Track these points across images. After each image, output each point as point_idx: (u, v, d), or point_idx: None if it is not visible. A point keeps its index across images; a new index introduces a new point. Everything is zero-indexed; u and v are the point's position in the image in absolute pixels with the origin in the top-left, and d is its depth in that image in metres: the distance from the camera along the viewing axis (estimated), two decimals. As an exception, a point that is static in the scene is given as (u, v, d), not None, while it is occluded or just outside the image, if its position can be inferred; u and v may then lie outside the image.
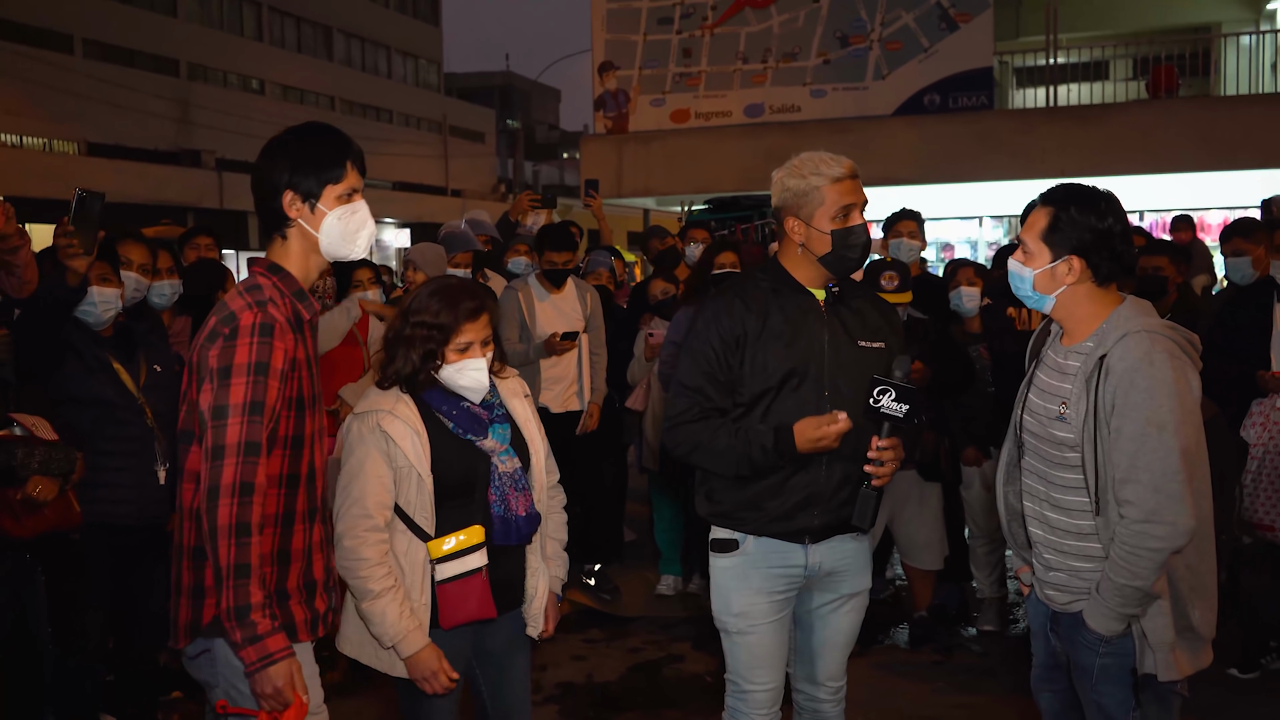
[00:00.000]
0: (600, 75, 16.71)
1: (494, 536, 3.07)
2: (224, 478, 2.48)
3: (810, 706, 3.40)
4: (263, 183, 2.68)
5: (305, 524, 2.73)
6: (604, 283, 7.12)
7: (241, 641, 2.48)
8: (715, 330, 3.16)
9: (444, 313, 3.01)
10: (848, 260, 3.16)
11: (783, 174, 3.19)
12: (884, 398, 2.98)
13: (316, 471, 2.76)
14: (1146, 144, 14.21)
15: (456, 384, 3.04)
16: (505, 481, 3.08)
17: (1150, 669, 2.81)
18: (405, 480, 2.98)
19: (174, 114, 34.79)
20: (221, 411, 2.51)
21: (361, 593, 2.93)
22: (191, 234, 6.51)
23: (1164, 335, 2.78)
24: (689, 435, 3.15)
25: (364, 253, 2.83)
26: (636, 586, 6.50)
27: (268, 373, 2.54)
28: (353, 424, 3.02)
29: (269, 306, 2.60)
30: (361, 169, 2.76)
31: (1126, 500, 2.72)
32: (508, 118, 57.62)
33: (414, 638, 2.95)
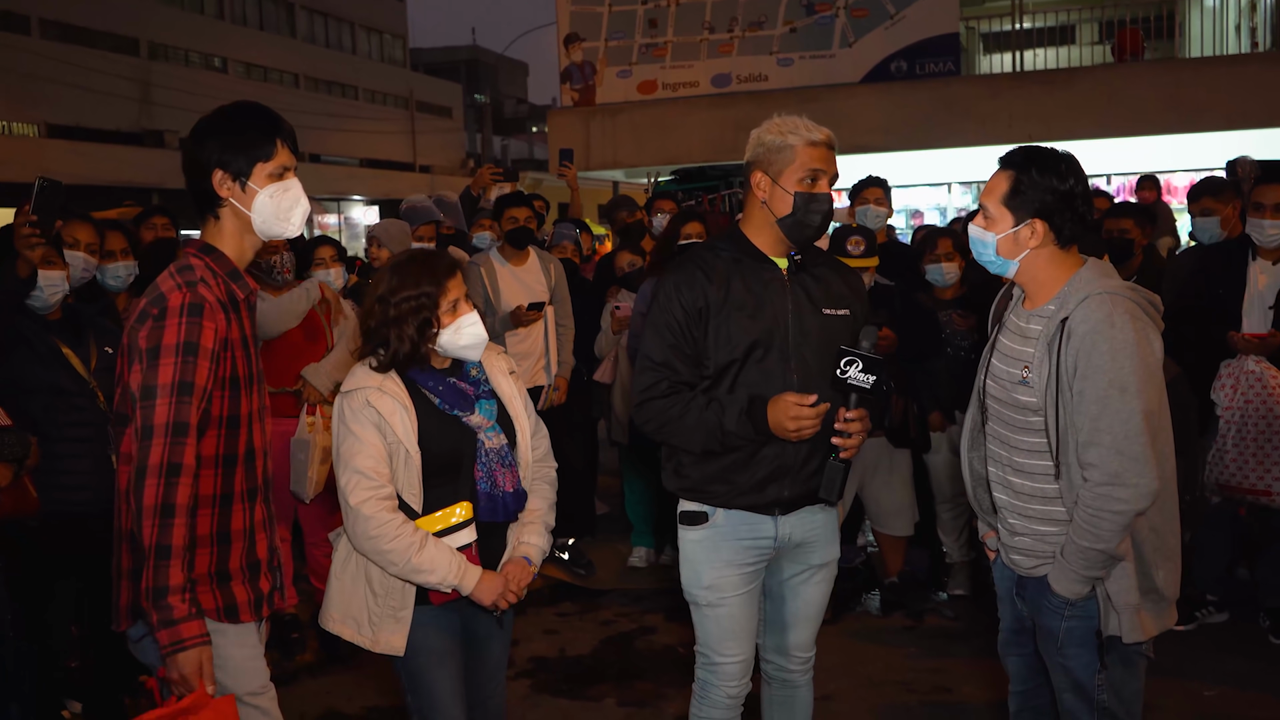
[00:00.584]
0: (566, 47, 16.59)
1: (480, 513, 3.06)
2: (151, 458, 2.49)
3: (780, 677, 3.40)
4: (193, 163, 2.68)
5: (245, 504, 2.72)
6: (569, 255, 7.07)
7: (157, 624, 2.49)
8: (677, 302, 3.12)
9: (424, 278, 3.00)
10: (805, 227, 3.12)
11: (760, 130, 3.17)
12: (851, 369, 2.96)
13: (256, 451, 2.75)
14: (1113, 107, 14.24)
15: (457, 346, 3.02)
16: (492, 458, 3.07)
17: (1115, 631, 2.82)
18: (394, 457, 2.97)
19: (135, 94, 34.33)
20: (150, 392, 2.51)
21: (404, 550, 2.89)
22: (147, 214, 6.42)
23: (1125, 297, 2.77)
24: (658, 411, 3.13)
25: (298, 231, 2.82)
26: (609, 559, 6.50)
27: (197, 353, 2.54)
28: (342, 403, 3.01)
29: (199, 287, 2.59)
30: (293, 146, 2.75)
31: (1090, 463, 2.72)
32: (475, 92, 57.19)
33: (471, 569, 2.97)
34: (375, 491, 2.92)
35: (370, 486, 2.92)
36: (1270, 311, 4.81)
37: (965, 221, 6.74)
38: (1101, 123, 14.14)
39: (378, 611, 3.03)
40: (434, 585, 2.96)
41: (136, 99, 34.37)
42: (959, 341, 5.45)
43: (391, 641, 3.02)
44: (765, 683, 3.44)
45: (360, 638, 3.04)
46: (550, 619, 5.58)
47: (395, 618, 3.02)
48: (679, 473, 3.23)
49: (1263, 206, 4.83)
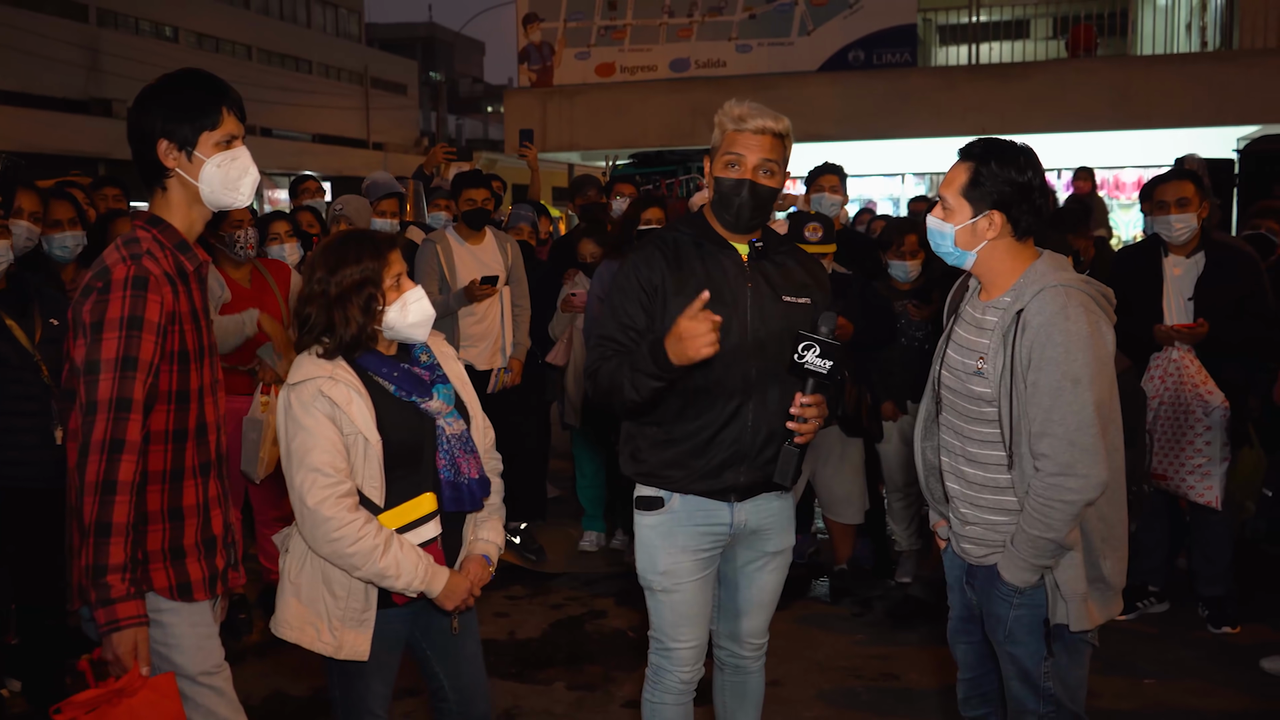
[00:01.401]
0: (524, 27, 16.48)
1: (445, 503, 2.93)
2: (94, 434, 2.45)
3: (732, 662, 3.41)
4: (137, 132, 2.62)
5: (197, 479, 2.68)
6: (525, 237, 7.03)
7: (95, 602, 2.45)
8: (634, 280, 3.10)
9: (365, 253, 2.84)
10: (725, 211, 3.10)
11: None
12: (808, 354, 2.94)
13: (208, 426, 2.70)
14: (1065, 102, 14.39)
15: (404, 323, 2.87)
16: (454, 444, 2.93)
17: (1063, 619, 2.86)
18: (352, 449, 2.79)
19: (83, 62, 33.66)
20: (94, 366, 2.47)
21: (369, 553, 2.74)
22: (98, 185, 6.32)
23: (1079, 289, 2.80)
24: (600, 378, 3.07)
25: (248, 200, 2.76)
26: (559, 543, 6.50)
27: (142, 326, 2.50)
28: (289, 395, 2.82)
29: (144, 259, 2.55)
30: (240, 114, 2.69)
31: (1042, 453, 2.75)
32: (430, 70, 56.71)
33: (438, 572, 2.86)
34: (334, 489, 2.74)
35: (328, 484, 2.74)
36: (1189, 303, 4.91)
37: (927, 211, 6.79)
38: (1054, 117, 14.29)
39: (339, 615, 2.86)
40: (399, 590, 2.82)
41: (84, 66, 33.70)
42: (913, 332, 5.49)
43: (356, 646, 2.86)
44: (718, 668, 3.45)
45: (322, 644, 2.86)
46: (500, 602, 5.57)
47: (359, 620, 2.86)
48: (636, 457, 3.22)
49: (1165, 204, 4.91)
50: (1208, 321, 4.80)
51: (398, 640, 3.01)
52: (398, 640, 3.01)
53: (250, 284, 5.13)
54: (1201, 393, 4.77)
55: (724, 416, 3.09)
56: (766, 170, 3.08)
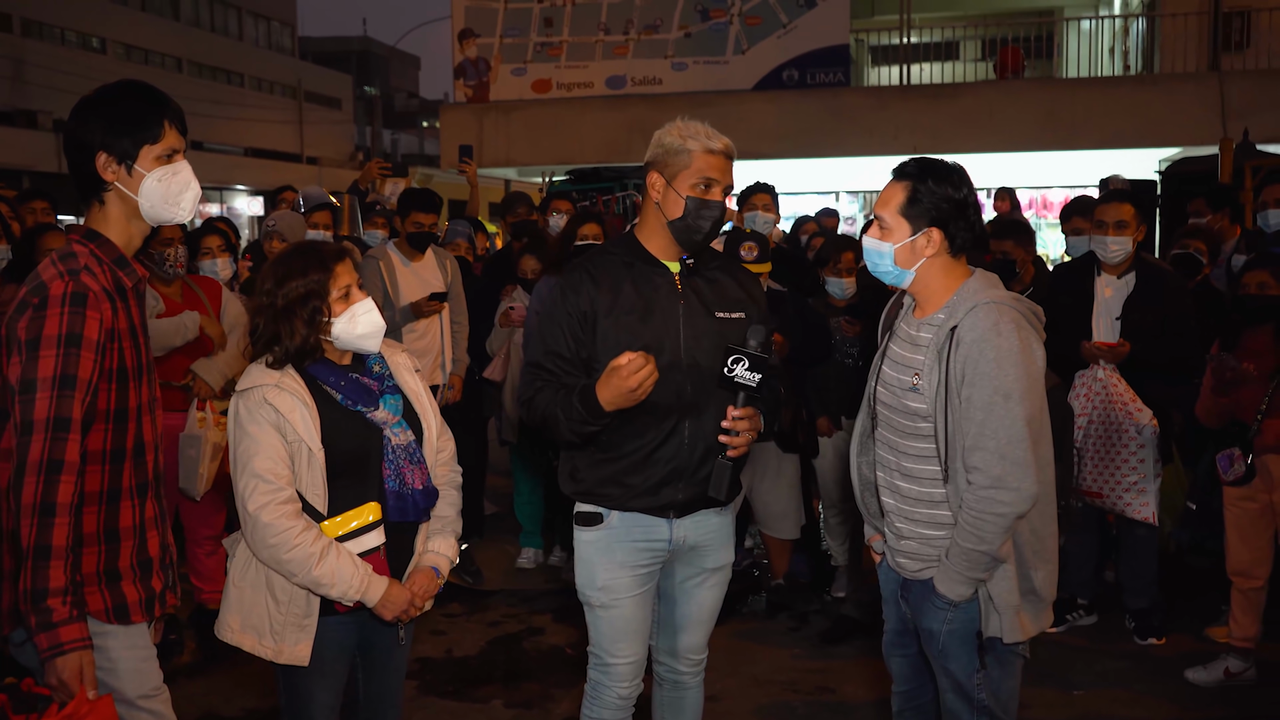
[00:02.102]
0: (460, 42, 16.47)
1: (389, 513, 2.92)
2: (30, 454, 2.37)
3: (671, 678, 3.42)
4: (75, 145, 2.55)
5: (134, 500, 2.62)
6: (462, 253, 7.01)
7: (35, 627, 2.38)
8: (563, 308, 3.12)
9: (311, 266, 2.85)
10: (694, 232, 3.11)
11: (662, 131, 3.17)
12: (738, 367, 2.96)
13: (146, 445, 2.64)
14: (994, 122, 14.69)
15: (353, 335, 2.88)
16: (400, 454, 2.93)
17: (995, 631, 2.91)
18: (296, 456, 2.81)
19: (7, 72, 32.95)
20: (29, 385, 2.39)
21: (304, 561, 2.75)
22: (25, 198, 6.20)
23: (1010, 306, 2.86)
24: (536, 408, 3.10)
25: (189, 216, 2.71)
26: (497, 560, 6.47)
27: (80, 344, 2.43)
28: (238, 403, 2.84)
29: (82, 275, 2.48)
30: (181, 127, 2.63)
31: (974, 467, 2.79)
32: (365, 84, 56.34)
33: (376, 581, 2.84)
34: (274, 495, 2.76)
35: (269, 490, 2.76)
36: (1117, 322, 5.03)
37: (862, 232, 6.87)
38: (984, 137, 14.58)
39: (280, 620, 2.86)
40: (335, 598, 2.82)
41: (8, 77, 32.97)
42: (847, 348, 5.56)
43: (296, 652, 2.86)
44: (656, 683, 3.46)
45: (262, 648, 2.87)
46: (437, 619, 5.53)
47: (299, 626, 2.86)
48: (574, 476, 3.23)
49: (1104, 224, 5.04)
50: (1131, 341, 4.92)
51: (343, 649, 2.99)
52: (343, 649, 2.99)
53: (182, 299, 5.04)
54: (1131, 410, 4.88)
55: (661, 435, 3.11)
56: (728, 192, 3.16)
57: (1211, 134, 13.14)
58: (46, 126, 31.90)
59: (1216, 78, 14.41)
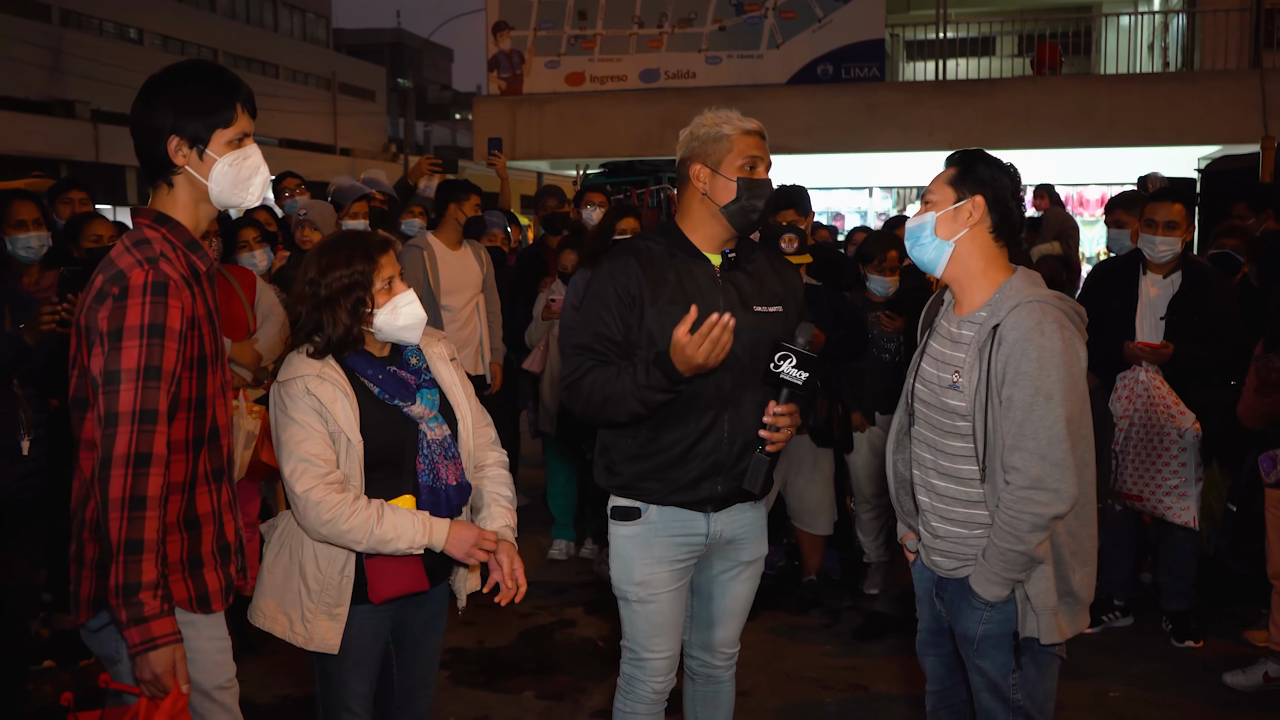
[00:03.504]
0: (494, 35, 16.48)
1: (422, 506, 2.93)
2: (117, 447, 2.31)
3: (704, 672, 3.42)
4: (144, 127, 2.47)
5: (210, 485, 2.57)
6: (498, 244, 7.03)
7: (126, 621, 2.33)
8: (611, 288, 3.10)
9: (355, 256, 2.85)
10: (750, 212, 3.11)
11: (692, 125, 3.17)
12: (784, 363, 2.95)
13: (220, 430, 2.60)
14: (1030, 119, 14.56)
15: (395, 327, 2.89)
16: (434, 449, 2.94)
17: (1032, 632, 2.89)
18: (336, 445, 2.83)
19: (46, 62, 33.27)
20: (113, 377, 2.32)
21: (365, 524, 2.76)
22: (63, 187, 6.25)
23: (1054, 305, 2.83)
24: (586, 387, 3.06)
25: (257, 200, 2.65)
26: (528, 551, 6.46)
27: (164, 334, 2.36)
28: (279, 392, 2.85)
29: (160, 263, 2.40)
30: (252, 111, 2.58)
31: (1013, 467, 2.77)
32: (399, 76, 56.53)
33: (438, 526, 2.84)
34: (322, 477, 2.78)
35: (317, 473, 2.78)
36: (1161, 322, 4.97)
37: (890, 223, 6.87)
38: (1019, 134, 14.46)
39: (312, 608, 2.88)
40: (404, 550, 2.82)
41: (46, 67, 33.31)
42: (885, 343, 5.53)
43: (326, 639, 2.88)
44: (689, 678, 3.46)
45: (293, 634, 2.88)
46: (469, 610, 5.50)
47: (330, 615, 2.88)
48: (611, 470, 3.22)
49: (1154, 223, 4.98)
50: (1174, 343, 4.87)
51: (376, 638, 3.00)
52: (376, 638, 3.00)
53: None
54: (1173, 413, 4.83)
55: (700, 429, 3.10)
56: (769, 170, 3.17)
57: (1252, 132, 12.98)
58: (84, 116, 32.24)
59: (1258, 75, 14.23)
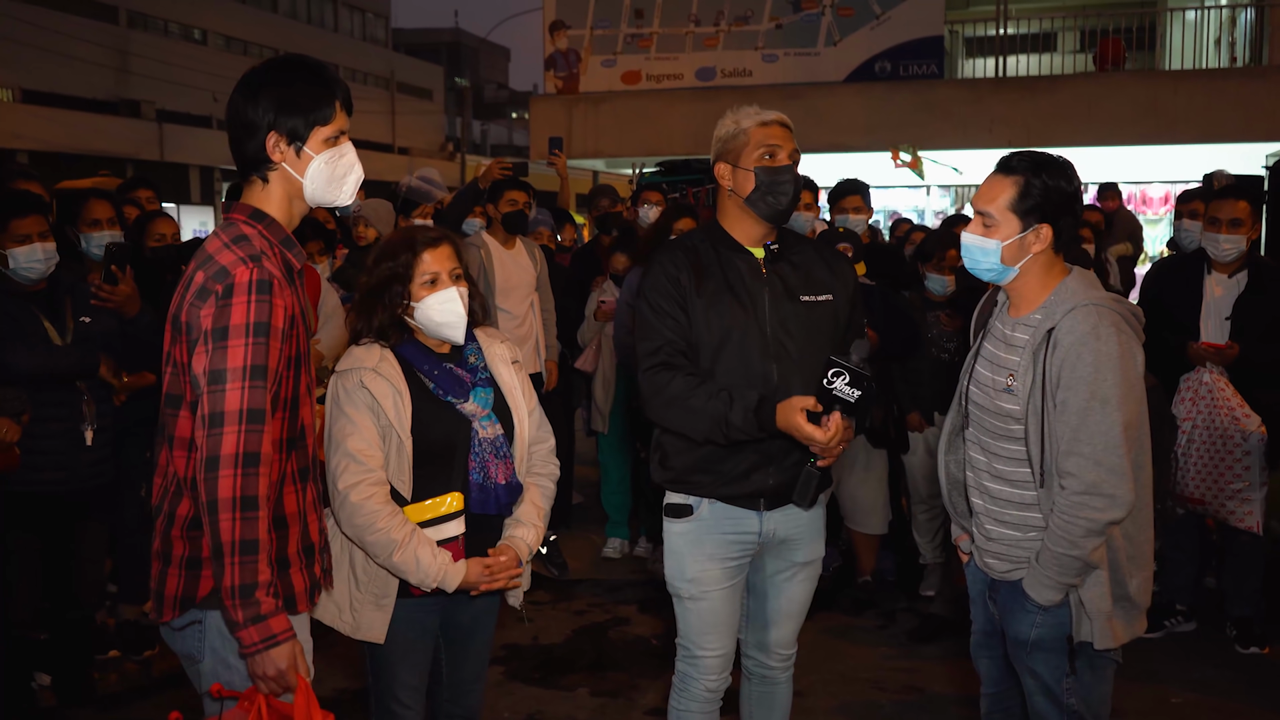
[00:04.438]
0: (551, 34, 16.54)
1: (471, 504, 2.97)
2: (224, 447, 2.28)
3: (760, 673, 3.42)
4: (243, 121, 2.45)
5: (298, 484, 2.54)
6: (545, 242, 7.07)
7: (244, 621, 2.31)
8: (663, 278, 3.13)
9: (401, 250, 2.93)
10: (773, 200, 3.10)
11: (715, 130, 3.19)
12: (837, 380, 2.92)
13: (308, 429, 2.59)
14: (1092, 116, 14.34)
15: (433, 322, 2.92)
16: (485, 448, 2.97)
17: (1087, 637, 2.86)
18: (386, 441, 2.89)
19: (112, 63, 33.93)
20: (219, 376, 2.30)
21: (385, 546, 2.83)
22: (130, 186, 6.37)
23: (1110, 308, 2.80)
24: (663, 384, 3.06)
25: (350, 199, 2.63)
26: (583, 549, 6.51)
27: (269, 333, 2.33)
28: (336, 382, 2.93)
29: (264, 261, 2.38)
30: (349, 109, 2.56)
31: (1068, 472, 2.75)
32: (456, 75, 56.96)
33: (453, 569, 2.90)
34: (365, 476, 2.85)
35: (360, 471, 2.84)
36: (1226, 323, 4.89)
37: (948, 221, 6.81)
38: (1080, 131, 14.24)
39: (360, 598, 2.95)
40: (414, 584, 2.89)
41: (113, 67, 33.97)
42: (944, 343, 5.49)
43: (373, 628, 2.95)
44: (745, 678, 3.46)
45: (340, 623, 2.97)
46: (524, 606, 5.57)
47: (377, 605, 2.95)
48: (664, 464, 3.24)
49: (1218, 221, 4.90)
50: (1239, 343, 4.78)
51: (425, 631, 3.05)
52: (425, 631, 3.05)
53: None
54: (1238, 416, 4.74)
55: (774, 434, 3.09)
56: (794, 157, 3.15)
57: (1323, 128, 12.70)
58: (149, 116, 32.81)
59: (1329, 70, 13.92)
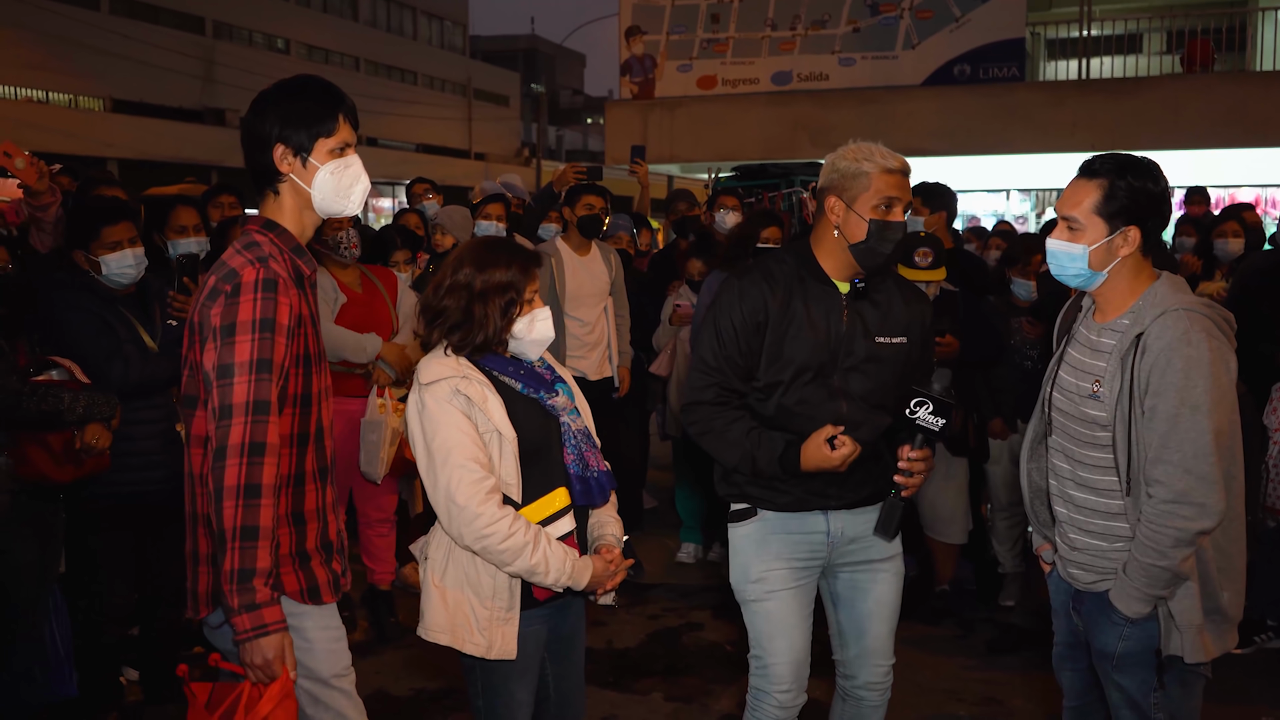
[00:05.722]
0: (627, 40, 16.59)
1: (576, 497, 2.96)
2: (231, 437, 2.41)
3: (856, 694, 3.33)
4: (252, 137, 2.61)
5: (316, 484, 2.66)
6: (624, 246, 7.09)
7: (238, 607, 2.41)
8: (739, 309, 3.14)
9: (516, 260, 2.92)
10: (878, 254, 3.10)
11: (835, 156, 3.15)
12: (920, 410, 2.96)
13: (325, 430, 2.69)
14: (1178, 119, 14.02)
15: (529, 338, 2.93)
16: (580, 439, 2.98)
17: (1176, 650, 2.79)
18: (489, 445, 2.85)
19: (198, 72, 34.78)
20: (227, 370, 2.44)
21: (519, 550, 2.77)
22: (214, 192, 6.50)
23: (1202, 314, 2.74)
24: (703, 417, 3.16)
25: (357, 209, 2.75)
26: (657, 554, 6.52)
27: (274, 329, 2.48)
28: (424, 395, 2.85)
29: (270, 262, 2.53)
30: (354, 122, 2.69)
31: (1156, 480, 2.69)
32: (532, 81, 57.38)
33: (581, 564, 2.88)
34: (481, 485, 2.78)
35: (475, 480, 2.78)
36: None
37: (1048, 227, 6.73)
38: (1166, 134, 13.93)
39: (486, 615, 2.87)
40: (549, 585, 2.85)
41: (199, 77, 34.83)
42: (1027, 350, 5.41)
43: (506, 645, 2.88)
44: (839, 697, 3.39)
45: (472, 645, 2.87)
46: (597, 610, 5.60)
47: (505, 620, 2.89)
48: (727, 479, 3.27)
49: None
50: None
51: (538, 644, 3.00)
52: (538, 644, 3.00)
53: (361, 288, 5.22)
54: None
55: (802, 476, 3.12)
56: (909, 209, 3.16)
57: None
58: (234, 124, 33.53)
59: None
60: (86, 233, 4.15)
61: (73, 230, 4.25)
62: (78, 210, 4.46)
